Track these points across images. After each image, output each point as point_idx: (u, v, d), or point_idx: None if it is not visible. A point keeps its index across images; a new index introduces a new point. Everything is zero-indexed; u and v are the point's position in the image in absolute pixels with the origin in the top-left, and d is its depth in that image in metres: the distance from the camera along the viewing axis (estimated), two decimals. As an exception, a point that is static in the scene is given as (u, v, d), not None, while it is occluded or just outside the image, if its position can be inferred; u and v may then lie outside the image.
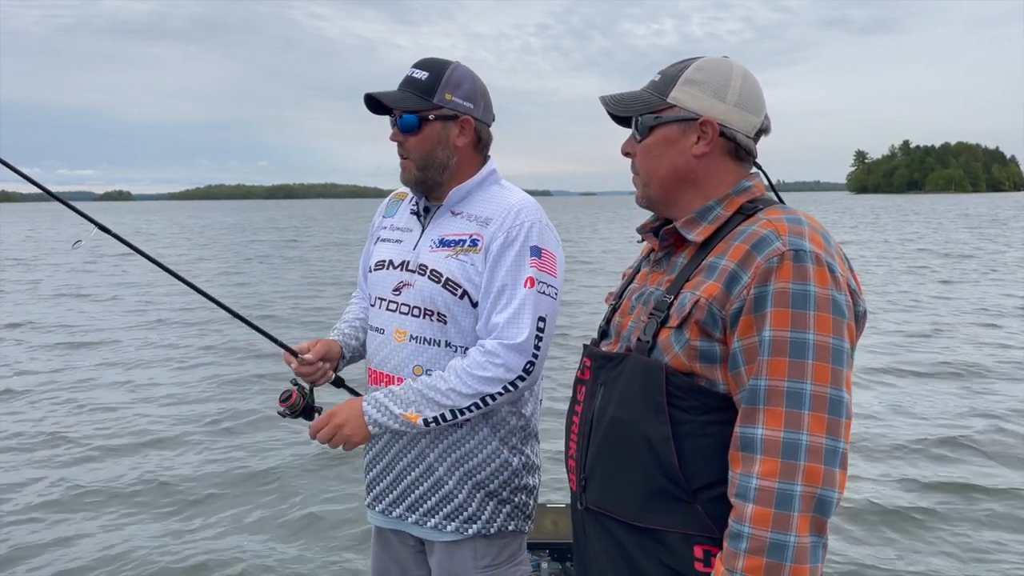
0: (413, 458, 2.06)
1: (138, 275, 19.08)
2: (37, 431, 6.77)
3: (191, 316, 12.86)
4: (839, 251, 1.41)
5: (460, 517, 2.04)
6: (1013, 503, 5.13)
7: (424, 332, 2.01)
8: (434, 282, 1.99)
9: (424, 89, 1.99)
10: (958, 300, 14.09)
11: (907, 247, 26.13)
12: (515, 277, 1.94)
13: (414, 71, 2.02)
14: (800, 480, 1.27)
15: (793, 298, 1.31)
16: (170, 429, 6.85)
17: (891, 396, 7.69)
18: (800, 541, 1.26)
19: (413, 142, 2.01)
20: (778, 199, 1.56)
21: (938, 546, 4.60)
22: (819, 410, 1.29)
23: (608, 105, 1.59)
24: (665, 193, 1.55)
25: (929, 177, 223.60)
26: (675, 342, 1.42)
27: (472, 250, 1.99)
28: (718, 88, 1.50)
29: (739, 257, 1.38)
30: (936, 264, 20.63)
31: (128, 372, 9.06)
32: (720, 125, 1.49)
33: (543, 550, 2.61)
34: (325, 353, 2.14)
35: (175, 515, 5.09)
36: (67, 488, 5.50)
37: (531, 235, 1.97)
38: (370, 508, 2.19)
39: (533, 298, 1.93)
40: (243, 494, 5.46)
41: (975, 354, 9.45)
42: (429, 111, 2.00)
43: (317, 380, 2.13)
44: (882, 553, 4.51)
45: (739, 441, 1.33)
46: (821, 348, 1.30)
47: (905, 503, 5.15)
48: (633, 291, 1.61)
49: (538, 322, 1.93)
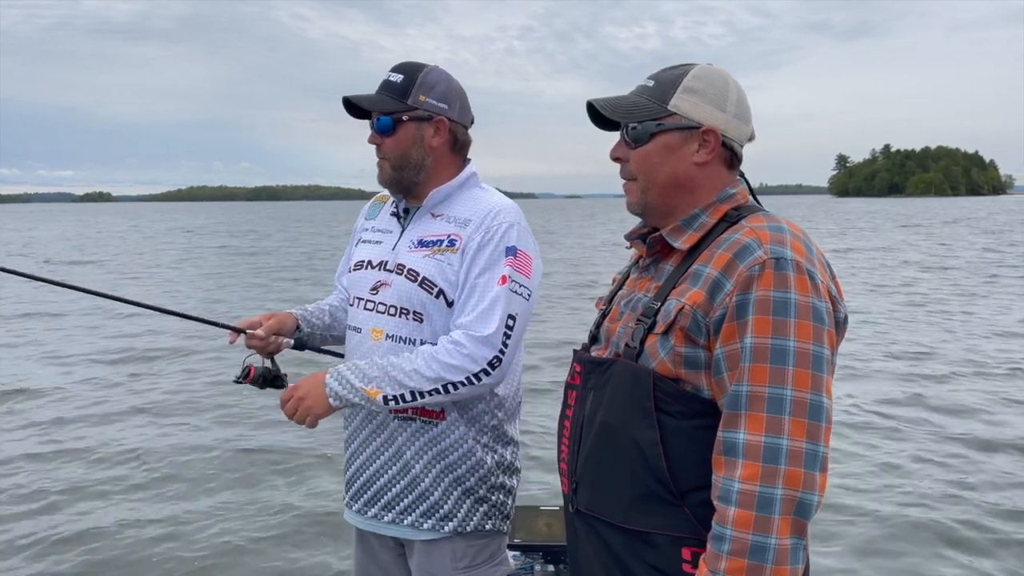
0: (390, 456, 2.07)
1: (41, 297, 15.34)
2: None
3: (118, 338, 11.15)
4: (821, 258, 1.44)
5: (436, 515, 2.05)
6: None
7: (400, 331, 2.03)
8: (411, 281, 2.02)
9: (398, 91, 2.04)
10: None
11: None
12: (489, 274, 1.97)
13: (390, 74, 2.07)
14: (781, 484, 1.29)
15: (774, 305, 1.34)
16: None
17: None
18: (781, 543, 1.29)
19: (389, 143, 2.06)
20: (759, 205, 1.59)
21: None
22: (799, 415, 1.31)
23: (604, 110, 1.57)
24: (663, 200, 1.57)
25: (910, 181, 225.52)
26: (661, 348, 1.44)
27: (450, 250, 2.01)
28: (718, 98, 1.53)
29: (722, 265, 1.41)
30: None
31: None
32: (722, 135, 1.53)
33: (537, 552, 2.62)
34: (278, 328, 2.20)
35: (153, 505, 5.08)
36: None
37: (508, 235, 2.00)
38: (347, 507, 2.20)
39: (505, 295, 1.95)
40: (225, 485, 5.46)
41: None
42: (403, 112, 2.04)
43: (272, 352, 2.20)
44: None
45: (721, 445, 1.36)
46: (801, 354, 1.33)
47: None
48: (622, 297, 1.63)
49: (508, 319, 1.94)
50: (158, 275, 20.72)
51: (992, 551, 4.59)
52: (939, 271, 19.61)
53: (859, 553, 4.59)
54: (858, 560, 4.51)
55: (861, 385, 8.28)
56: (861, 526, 4.92)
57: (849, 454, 6.18)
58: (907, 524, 4.96)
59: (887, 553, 4.60)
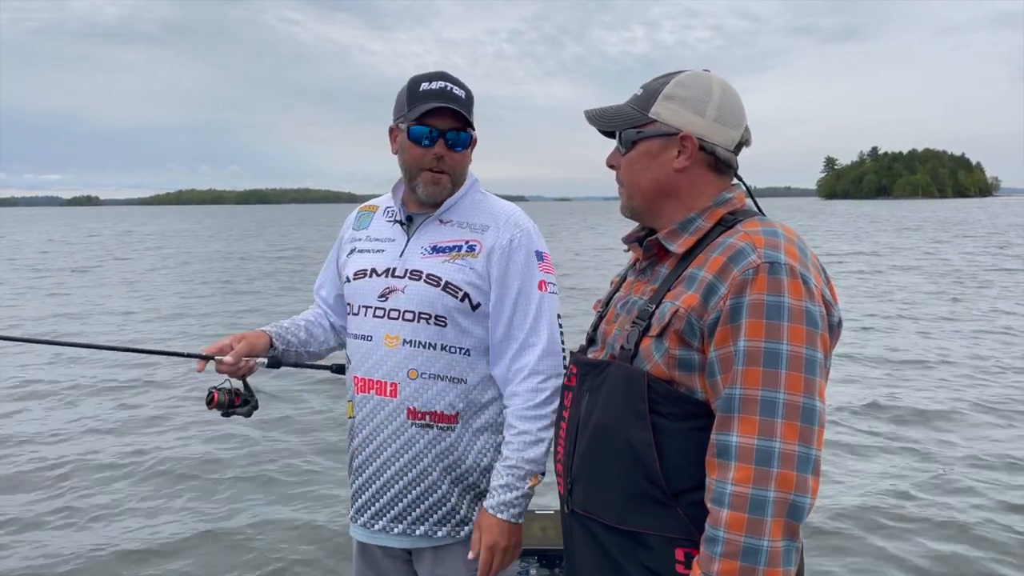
0: (405, 463, 2.04)
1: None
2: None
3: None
4: (815, 262, 1.45)
5: (452, 521, 2.05)
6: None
7: (419, 336, 2.02)
8: (432, 286, 2.01)
9: (467, 107, 2.02)
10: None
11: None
12: (529, 283, 2.04)
13: (452, 86, 2.01)
14: (773, 486, 1.30)
15: (767, 309, 1.35)
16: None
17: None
18: (773, 545, 1.30)
19: (458, 158, 2.05)
20: (758, 209, 1.60)
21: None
22: (792, 418, 1.32)
23: (591, 120, 1.64)
24: (648, 205, 1.60)
25: (897, 183, 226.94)
26: (655, 350, 1.45)
27: (470, 255, 2.03)
28: (697, 103, 1.54)
29: (717, 269, 1.42)
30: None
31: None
32: (699, 139, 1.54)
33: (532, 556, 2.62)
34: (248, 351, 2.15)
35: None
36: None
37: (532, 240, 2.07)
38: (353, 521, 2.15)
39: (548, 301, 2.05)
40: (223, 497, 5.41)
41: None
42: (473, 130, 2.06)
43: (244, 374, 2.17)
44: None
45: (715, 448, 1.37)
46: (794, 358, 1.34)
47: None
48: (619, 299, 1.65)
49: (556, 320, 2.06)
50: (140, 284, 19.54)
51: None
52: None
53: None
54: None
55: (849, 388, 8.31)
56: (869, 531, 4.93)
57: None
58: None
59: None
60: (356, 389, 2.11)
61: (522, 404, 1.99)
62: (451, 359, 2.02)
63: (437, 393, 2.02)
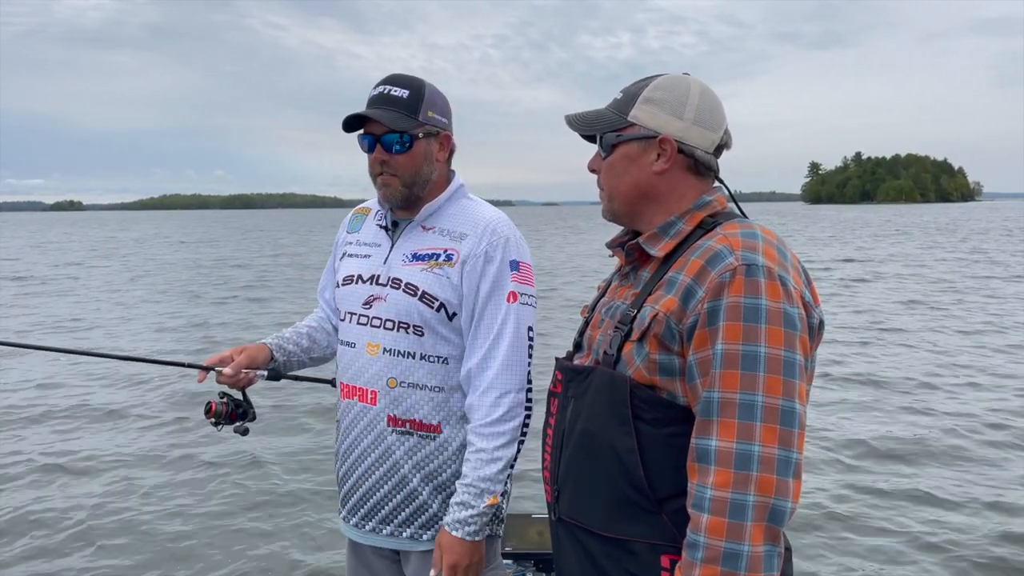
0: (386, 471, 2.06)
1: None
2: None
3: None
4: (795, 264, 1.44)
5: (435, 526, 2.05)
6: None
7: (398, 344, 2.02)
8: (410, 295, 2.01)
9: (409, 107, 2.00)
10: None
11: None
12: (498, 294, 2.00)
13: (391, 88, 2.00)
14: (753, 490, 1.29)
15: (745, 312, 1.34)
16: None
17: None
18: (754, 550, 1.28)
19: (402, 160, 2.01)
20: (740, 212, 1.60)
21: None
22: (771, 421, 1.31)
23: (572, 124, 1.63)
24: (628, 208, 1.60)
25: (880, 188, 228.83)
26: (636, 355, 1.44)
27: (447, 264, 2.02)
28: (675, 106, 1.54)
29: (695, 272, 1.41)
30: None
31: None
32: (678, 142, 1.53)
33: (528, 560, 2.61)
34: (248, 363, 2.14)
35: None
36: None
37: (508, 250, 2.03)
38: (344, 520, 2.19)
39: (515, 312, 2.00)
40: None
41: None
42: (418, 128, 2.01)
43: (244, 386, 2.17)
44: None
45: (695, 452, 1.36)
46: (772, 360, 1.32)
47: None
48: (604, 304, 1.64)
49: (528, 331, 2.02)
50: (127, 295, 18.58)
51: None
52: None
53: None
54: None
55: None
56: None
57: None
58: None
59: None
60: (341, 395, 2.13)
61: (480, 419, 1.97)
62: (430, 368, 2.02)
63: (417, 401, 2.02)
